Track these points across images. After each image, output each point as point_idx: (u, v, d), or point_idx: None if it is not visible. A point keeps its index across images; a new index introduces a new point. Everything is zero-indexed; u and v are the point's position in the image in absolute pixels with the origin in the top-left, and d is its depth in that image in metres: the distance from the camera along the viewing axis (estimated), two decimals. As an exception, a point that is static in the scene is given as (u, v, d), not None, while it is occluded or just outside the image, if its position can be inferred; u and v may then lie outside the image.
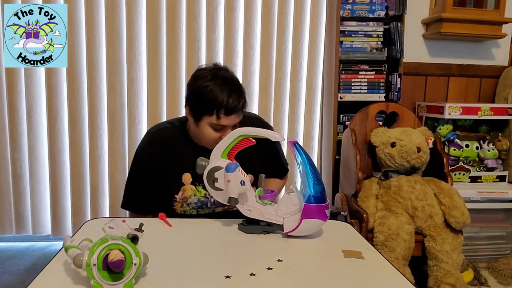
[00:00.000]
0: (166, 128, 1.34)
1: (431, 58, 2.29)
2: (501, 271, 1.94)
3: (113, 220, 0.95)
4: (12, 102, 2.00)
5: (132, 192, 1.33)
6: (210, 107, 1.16)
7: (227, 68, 1.25)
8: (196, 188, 1.29)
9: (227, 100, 1.15)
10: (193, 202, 1.29)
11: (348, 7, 2.07)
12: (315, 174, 0.96)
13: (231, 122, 1.19)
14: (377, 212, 1.71)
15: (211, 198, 1.29)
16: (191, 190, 1.28)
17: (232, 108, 1.16)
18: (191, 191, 1.28)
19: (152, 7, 1.99)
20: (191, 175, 1.27)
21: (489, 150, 2.10)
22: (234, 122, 1.20)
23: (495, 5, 2.17)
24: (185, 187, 1.28)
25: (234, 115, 1.18)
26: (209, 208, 1.31)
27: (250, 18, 2.06)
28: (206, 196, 1.29)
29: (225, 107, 1.15)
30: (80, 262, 0.69)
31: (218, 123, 1.18)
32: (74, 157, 2.06)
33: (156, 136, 1.32)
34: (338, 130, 2.11)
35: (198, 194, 1.29)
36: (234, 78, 1.24)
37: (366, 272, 0.84)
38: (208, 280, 0.77)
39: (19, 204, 2.10)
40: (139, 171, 1.31)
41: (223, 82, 1.18)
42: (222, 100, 1.15)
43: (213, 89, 1.17)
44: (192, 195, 1.29)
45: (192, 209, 1.30)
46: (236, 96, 1.17)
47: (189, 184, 1.28)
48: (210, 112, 1.16)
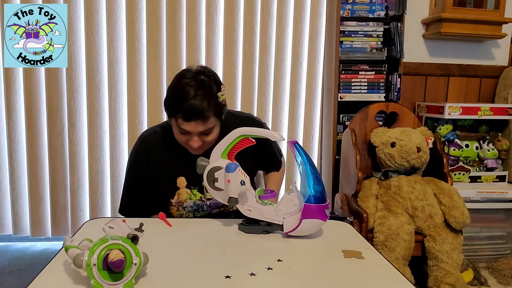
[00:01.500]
0: (157, 132, 1.30)
1: (431, 58, 2.29)
2: (501, 271, 1.94)
3: (113, 220, 0.95)
4: (10, 102, 2.00)
5: (127, 198, 1.32)
6: (172, 109, 1.14)
7: (210, 74, 1.19)
8: (191, 191, 1.27)
9: (188, 105, 1.10)
10: (189, 206, 1.28)
11: (348, 7, 2.07)
12: (315, 174, 0.97)
13: (192, 128, 1.13)
14: (377, 212, 1.71)
15: (206, 201, 1.29)
16: (186, 194, 1.27)
17: (190, 114, 1.11)
18: (186, 194, 1.27)
19: (152, 7, 1.99)
20: (185, 179, 1.26)
21: (489, 150, 2.10)
22: (196, 129, 1.13)
23: (495, 5, 2.17)
24: (180, 191, 1.26)
25: (194, 122, 1.11)
26: (205, 210, 1.30)
27: (250, 18, 2.06)
28: (202, 199, 1.28)
29: (181, 113, 1.11)
30: (80, 262, 0.69)
31: (179, 125, 1.14)
32: (74, 157, 2.06)
33: (147, 141, 1.29)
34: (338, 130, 2.12)
35: (193, 197, 1.27)
36: (208, 85, 1.15)
37: (366, 272, 0.84)
38: (208, 280, 0.77)
39: (18, 204, 2.10)
40: (133, 176, 1.30)
41: (191, 85, 1.13)
42: (182, 105, 1.11)
43: (175, 93, 1.14)
44: (187, 199, 1.27)
45: (188, 212, 1.29)
46: (199, 102, 1.11)
47: (184, 188, 1.26)
48: (172, 115, 1.15)
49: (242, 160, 1.05)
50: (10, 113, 2.01)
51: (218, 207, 1.30)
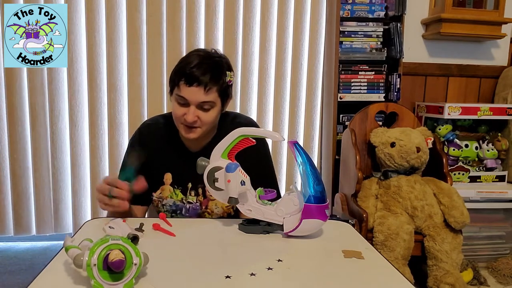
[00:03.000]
0: (158, 122, 1.29)
1: (431, 58, 2.30)
2: (500, 270, 1.94)
3: (113, 220, 0.95)
4: (11, 102, 2.01)
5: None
6: (176, 76, 1.12)
7: (223, 56, 1.17)
8: (174, 190, 1.25)
9: (190, 70, 1.09)
10: (168, 204, 1.25)
11: (348, 8, 2.07)
12: (315, 174, 0.97)
13: (191, 96, 1.10)
14: (376, 212, 1.72)
15: (186, 204, 1.25)
16: (169, 191, 1.25)
17: (192, 78, 1.08)
18: (169, 192, 1.25)
19: (152, 7, 1.99)
20: (172, 176, 1.24)
21: (488, 150, 2.11)
22: (195, 98, 1.10)
23: (494, 5, 2.17)
24: (164, 187, 1.25)
25: (195, 88, 1.09)
26: (183, 215, 1.26)
27: (250, 19, 2.06)
28: (182, 200, 1.25)
29: (185, 76, 1.09)
30: (81, 262, 0.69)
31: (178, 93, 1.11)
32: (75, 157, 2.06)
33: (149, 128, 1.28)
34: (338, 130, 2.12)
35: (174, 197, 1.25)
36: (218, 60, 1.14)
37: (366, 272, 0.85)
38: (208, 280, 0.77)
39: (19, 204, 2.10)
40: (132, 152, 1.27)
41: (200, 56, 1.12)
42: (184, 69, 1.10)
43: (184, 59, 1.13)
44: (168, 197, 1.25)
45: (166, 211, 1.26)
46: (204, 68, 1.09)
47: (168, 185, 1.24)
48: (175, 82, 1.12)
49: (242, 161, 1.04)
50: (11, 113, 2.01)
51: (196, 215, 1.26)
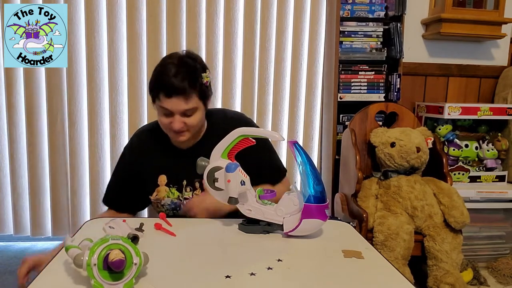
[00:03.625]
0: (149, 130, 1.33)
1: (431, 58, 2.30)
2: (500, 270, 1.94)
3: (113, 220, 0.95)
4: (11, 102, 2.00)
5: (113, 190, 1.35)
6: (154, 88, 1.14)
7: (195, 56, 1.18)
8: (170, 189, 1.28)
9: (169, 81, 1.10)
10: (167, 204, 1.29)
11: (348, 8, 2.07)
12: (315, 174, 0.97)
13: (173, 106, 1.12)
14: (376, 212, 1.72)
15: (183, 201, 1.29)
16: (165, 192, 1.28)
17: (169, 90, 1.10)
18: (164, 192, 1.28)
19: (152, 7, 1.99)
20: (166, 177, 1.28)
21: (488, 150, 2.11)
22: (178, 107, 1.12)
23: (494, 5, 2.17)
24: (160, 189, 1.28)
25: (175, 99, 1.10)
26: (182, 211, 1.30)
27: (249, 18, 2.06)
28: (179, 198, 1.29)
29: (162, 89, 1.11)
30: (81, 262, 0.70)
31: (161, 105, 1.13)
32: (74, 157, 2.06)
33: (141, 135, 1.34)
34: (338, 130, 2.12)
35: (171, 195, 1.28)
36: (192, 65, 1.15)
37: (366, 272, 0.85)
38: (208, 280, 0.77)
39: (19, 204, 2.10)
40: (122, 170, 1.34)
41: (174, 64, 1.12)
42: (160, 82, 1.11)
43: (157, 72, 1.14)
44: (165, 197, 1.28)
45: (167, 210, 1.30)
46: (180, 78, 1.10)
47: (163, 186, 1.28)
48: (155, 95, 1.14)
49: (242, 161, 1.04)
50: (11, 113, 2.01)
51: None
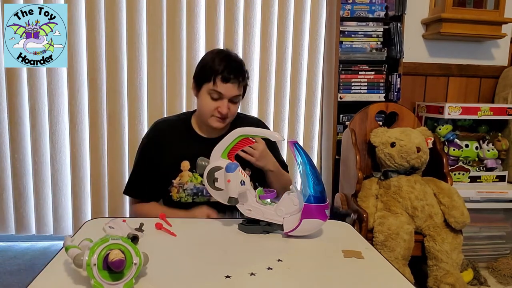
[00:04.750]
0: (171, 119, 1.43)
1: (431, 58, 2.30)
2: (500, 270, 1.94)
3: (113, 220, 0.95)
4: (12, 102, 2.00)
5: (135, 179, 1.39)
6: (209, 73, 1.26)
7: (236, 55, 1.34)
8: (193, 174, 1.33)
9: (225, 68, 1.24)
10: (189, 189, 1.33)
11: (348, 7, 2.07)
12: (315, 174, 0.97)
13: (227, 91, 1.25)
14: (377, 212, 1.71)
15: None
16: (188, 176, 1.33)
17: (228, 75, 1.24)
18: (188, 177, 1.33)
19: (152, 7, 1.99)
20: (189, 163, 1.32)
21: (488, 150, 2.10)
22: (230, 93, 1.26)
23: (494, 5, 2.17)
24: (183, 173, 1.33)
25: (231, 84, 1.25)
26: (204, 196, 1.34)
27: (250, 18, 2.06)
28: (202, 183, 1.29)
29: (221, 73, 1.24)
30: (81, 262, 0.70)
31: (215, 89, 1.25)
32: (75, 157, 2.06)
33: (160, 125, 1.40)
34: (338, 130, 2.12)
35: (194, 180, 1.33)
36: (238, 58, 1.32)
37: (366, 272, 0.85)
38: (208, 280, 0.77)
39: (20, 204, 2.10)
40: (143, 158, 1.37)
41: (226, 56, 1.28)
42: (220, 67, 1.25)
43: (214, 58, 1.28)
44: (188, 181, 1.33)
45: (187, 195, 1.34)
46: (234, 67, 1.26)
47: (186, 171, 1.33)
48: (208, 78, 1.25)
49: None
50: (12, 113, 2.01)
51: None
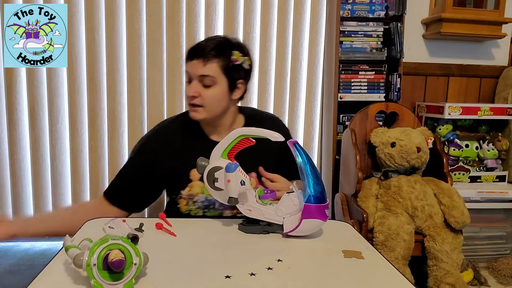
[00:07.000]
0: (174, 122, 1.28)
1: (431, 58, 2.29)
2: (500, 271, 1.94)
3: (113, 220, 0.95)
4: (11, 102, 2.00)
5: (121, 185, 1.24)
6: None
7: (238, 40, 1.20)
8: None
9: (196, 44, 1.10)
10: (200, 201, 1.20)
11: (348, 7, 2.07)
12: (315, 174, 0.97)
13: (191, 68, 1.11)
14: (377, 212, 1.71)
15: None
16: (199, 187, 1.20)
17: (194, 50, 1.09)
18: (199, 188, 1.20)
19: (152, 7, 1.99)
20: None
21: (488, 150, 2.10)
22: (195, 71, 1.10)
23: (495, 5, 2.17)
24: (193, 184, 1.20)
25: (196, 60, 1.09)
26: (216, 209, 1.22)
27: (249, 18, 2.06)
28: None
29: (189, 49, 1.10)
30: (80, 262, 0.69)
31: (186, 69, 1.13)
32: (75, 157, 2.06)
33: (163, 130, 1.26)
34: (338, 130, 2.12)
35: (206, 192, 1.18)
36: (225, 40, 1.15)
37: (366, 272, 0.85)
38: (208, 280, 0.77)
39: (19, 204, 2.09)
40: (138, 166, 1.23)
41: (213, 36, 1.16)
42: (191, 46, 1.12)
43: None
44: (199, 193, 1.20)
45: (197, 208, 1.21)
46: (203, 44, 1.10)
47: (197, 181, 1.19)
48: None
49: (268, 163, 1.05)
50: (11, 113, 2.01)
51: (231, 208, 1.21)
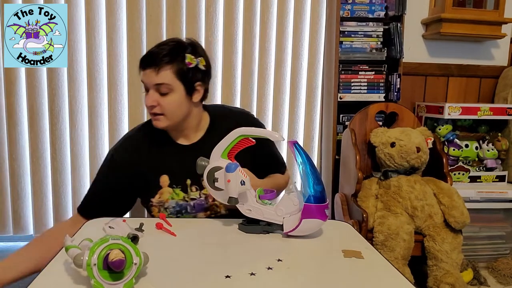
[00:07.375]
0: (140, 130, 1.25)
1: (431, 58, 2.30)
2: (500, 270, 1.94)
3: (113, 220, 0.95)
4: (11, 102, 2.00)
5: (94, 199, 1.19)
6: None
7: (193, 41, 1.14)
8: (174, 190, 1.17)
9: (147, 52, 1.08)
10: (171, 207, 1.18)
11: (348, 8, 2.07)
12: (315, 174, 0.97)
13: (146, 78, 1.09)
14: (376, 212, 1.72)
15: (190, 201, 1.20)
16: (168, 193, 1.17)
17: (146, 59, 1.07)
18: (168, 194, 1.17)
19: (152, 7, 1.99)
20: (168, 177, 1.17)
21: (488, 150, 2.11)
22: (149, 80, 1.08)
23: (494, 5, 2.17)
24: (162, 190, 1.17)
25: (148, 70, 1.07)
26: (189, 213, 1.20)
27: (249, 18, 2.06)
28: (185, 199, 1.19)
29: (141, 58, 1.08)
30: (81, 262, 0.70)
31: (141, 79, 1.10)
32: (75, 157, 2.06)
33: (130, 141, 1.22)
34: (338, 130, 2.12)
35: (175, 197, 1.18)
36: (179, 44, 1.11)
37: (366, 272, 0.85)
38: (208, 280, 0.77)
39: (19, 204, 2.10)
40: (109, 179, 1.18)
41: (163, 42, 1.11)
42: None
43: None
44: (169, 199, 1.17)
45: (170, 214, 1.19)
46: (154, 52, 1.07)
47: (166, 187, 1.17)
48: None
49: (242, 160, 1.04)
50: (11, 113, 2.01)
51: (203, 210, 1.21)
